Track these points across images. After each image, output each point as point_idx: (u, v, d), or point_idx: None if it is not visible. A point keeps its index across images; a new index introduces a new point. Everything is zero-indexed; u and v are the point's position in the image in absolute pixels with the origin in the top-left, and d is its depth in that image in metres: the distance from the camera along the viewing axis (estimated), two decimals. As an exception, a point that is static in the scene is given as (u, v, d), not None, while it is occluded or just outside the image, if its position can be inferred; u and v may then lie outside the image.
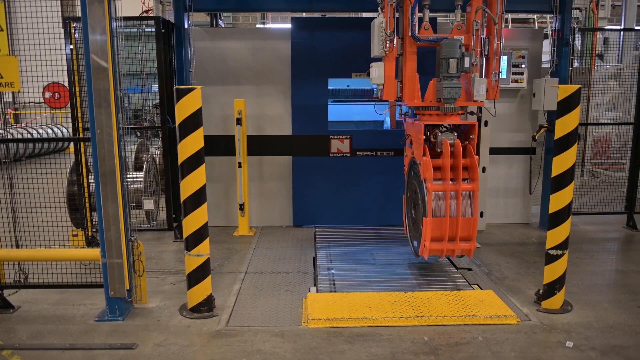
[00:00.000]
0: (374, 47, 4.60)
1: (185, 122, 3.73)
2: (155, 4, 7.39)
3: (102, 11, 3.56)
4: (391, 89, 4.70)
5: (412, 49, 4.62)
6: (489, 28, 4.66)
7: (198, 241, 3.86)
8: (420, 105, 4.61)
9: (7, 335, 3.66)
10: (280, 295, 4.34)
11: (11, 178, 4.24)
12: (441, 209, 4.39)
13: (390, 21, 4.50)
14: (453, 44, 4.33)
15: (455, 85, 4.34)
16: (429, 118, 4.59)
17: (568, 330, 3.68)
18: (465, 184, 4.38)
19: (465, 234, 4.40)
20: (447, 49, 4.33)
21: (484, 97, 4.54)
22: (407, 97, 4.67)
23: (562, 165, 3.83)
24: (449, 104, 4.41)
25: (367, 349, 3.41)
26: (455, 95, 4.35)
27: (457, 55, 4.32)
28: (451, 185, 4.36)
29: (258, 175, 6.58)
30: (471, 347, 3.44)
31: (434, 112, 4.54)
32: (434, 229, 4.37)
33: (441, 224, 4.36)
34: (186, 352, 3.41)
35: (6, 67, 3.86)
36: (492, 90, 4.70)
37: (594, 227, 6.57)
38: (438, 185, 4.38)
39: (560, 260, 3.92)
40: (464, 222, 4.37)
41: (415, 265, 5.05)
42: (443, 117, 4.53)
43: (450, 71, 4.33)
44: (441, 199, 4.39)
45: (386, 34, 4.51)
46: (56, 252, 4.18)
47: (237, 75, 6.38)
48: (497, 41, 4.63)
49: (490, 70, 4.69)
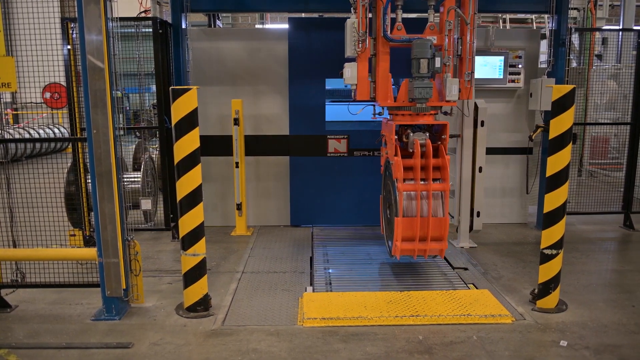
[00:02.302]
0: (347, 47, 4.63)
1: (181, 122, 3.75)
2: (153, 4, 7.40)
3: (98, 12, 3.58)
4: (364, 89, 4.71)
5: (384, 49, 4.63)
6: (462, 28, 4.67)
7: (194, 241, 3.88)
8: (393, 105, 4.63)
9: (4, 335, 3.67)
10: (277, 294, 4.36)
11: (9, 178, 4.25)
12: (412, 209, 4.40)
13: (362, 21, 4.52)
14: (424, 44, 4.34)
15: (426, 86, 4.35)
16: (401, 118, 4.60)
17: (562, 329, 3.70)
18: (436, 184, 4.40)
19: (437, 233, 4.40)
20: (418, 49, 4.34)
21: (457, 97, 4.56)
22: (380, 98, 4.69)
23: (557, 165, 3.85)
24: (421, 104, 4.43)
25: (362, 348, 3.42)
26: (427, 95, 4.36)
27: (428, 56, 4.33)
28: (422, 185, 4.38)
29: (255, 175, 6.59)
30: (465, 346, 3.45)
31: (406, 112, 4.56)
32: (405, 229, 4.38)
33: (412, 224, 4.36)
34: (182, 351, 3.42)
35: (3, 68, 3.87)
36: (465, 90, 4.72)
37: (591, 227, 6.58)
38: (408, 185, 4.40)
39: (555, 259, 3.94)
40: (435, 222, 4.38)
41: (411, 265, 5.06)
42: (415, 117, 4.55)
43: (421, 71, 4.34)
44: (413, 199, 4.40)
45: (358, 35, 4.53)
46: (53, 252, 4.19)
47: (235, 76, 6.40)
48: (470, 41, 4.64)
49: (463, 70, 4.70)
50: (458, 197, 5.68)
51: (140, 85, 6.53)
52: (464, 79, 4.70)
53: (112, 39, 3.72)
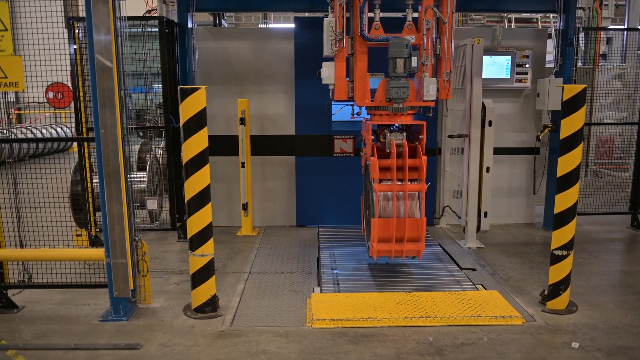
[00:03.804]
0: (324, 46, 4.61)
1: (189, 122, 3.73)
2: (159, 3, 7.39)
3: (107, 11, 3.56)
4: (342, 89, 4.69)
5: (362, 48, 4.60)
6: (441, 27, 4.63)
7: (202, 241, 3.86)
8: (371, 105, 4.60)
9: (12, 335, 3.66)
10: (284, 295, 4.33)
11: (16, 178, 4.24)
12: (389, 210, 4.36)
13: (339, 21, 4.49)
14: (400, 43, 4.31)
15: (402, 85, 4.32)
16: (379, 118, 4.58)
17: (574, 331, 3.67)
18: (412, 185, 4.36)
19: (414, 234, 4.37)
20: (394, 49, 4.32)
21: (434, 97, 4.53)
22: (358, 97, 4.66)
23: (568, 165, 3.82)
24: (397, 104, 4.39)
25: (372, 350, 3.40)
26: (403, 95, 4.33)
27: (405, 55, 4.30)
28: (397, 186, 4.35)
29: (261, 175, 6.57)
30: (477, 347, 3.43)
31: (383, 112, 4.53)
32: (381, 230, 4.35)
33: (388, 225, 4.33)
34: (191, 353, 3.40)
35: (10, 67, 3.85)
36: (443, 89, 4.68)
37: (598, 228, 6.54)
38: (384, 185, 4.37)
39: (565, 260, 3.91)
40: (412, 223, 4.34)
41: (419, 266, 5.04)
42: (393, 117, 4.52)
43: (398, 71, 4.31)
44: (389, 199, 4.38)
45: (335, 34, 4.50)
46: (61, 252, 4.18)
47: (240, 75, 6.38)
48: (449, 40, 4.60)
49: (442, 69, 4.67)
50: (465, 198, 5.65)
51: (146, 85, 6.51)
52: (442, 79, 4.67)
53: (121, 38, 3.70)
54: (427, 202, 6.44)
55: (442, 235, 6.18)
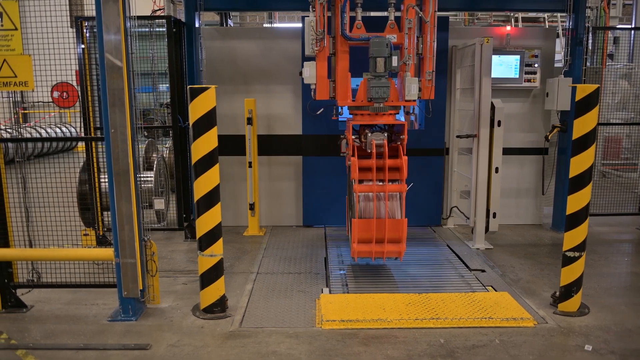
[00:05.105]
0: (305, 46, 4.59)
1: (199, 121, 3.71)
2: (167, 3, 7.38)
3: (117, 10, 3.54)
4: (323, 89, 4.67)
5: (343, 48, 4.58)
6: (423, 27, 4.60)
7: (211, 241, 3.84)
8: (352, 105, 4.56)
9: (21, 335, 3.65)
10: (293, 296, 4.31)
11: (25, 177, 4.23)
12: (369, 211, 4.33)
13: (320, 20, 4.46)
14: (380, 42, 4.27)
15: (383, 85, 4.28)
16: (360, 118, 4.55)
17: (586, 333, 3.63)
18: (392, 185, 4.32)
19: (394, 235, 4.32)
20: (374, 48, 4.28)
21: (416, 97, 4.49)
22: (339, 97, 4.64)
23: (580, 166, 3.78)
24: (378, 104, 4.36)
25: (383, 351, 3.37)
26: (383, 94, 4.30)
27: (385, 54, 4.26)
28: (377, 186, 4.31)
29: (268, 175, 6.55)
30: (488, 349, 3.40)
31: (365, 112, 4.50)
32: (361, 231, 4.32)
33: (369, 226, 4.30)
34: (200, 353, 3.38)
35: (20, 66, 3.84)
36: (426, 89, 4.64)
37: (607, 229, 6.50)
38: (364, 186, 4.34)
39: (577, 262, 3.87)
40: (392, 224, 4.31)
41: (428, 266, 5.01)
42: (375, 117, 4.49)
43: (378, 70, 4.28)
44: (369, 200, 4.34)
45: (316, 34, 4.47)
46: (70, 252, 4.17)
47: (247, 75, 6.36)
48: (431, 40, 4.56)
49: (425, 69, 4.63)
50: (474, 198, 5.62)
51: (154, 84, 6.50)
52: (425, 78, 4.63)
53: (130, 38, 3.69)
54: (434, 202, 6.48)
55: (449, 235, 6.15)
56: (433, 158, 6.39)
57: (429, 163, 6.37)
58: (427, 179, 6.39)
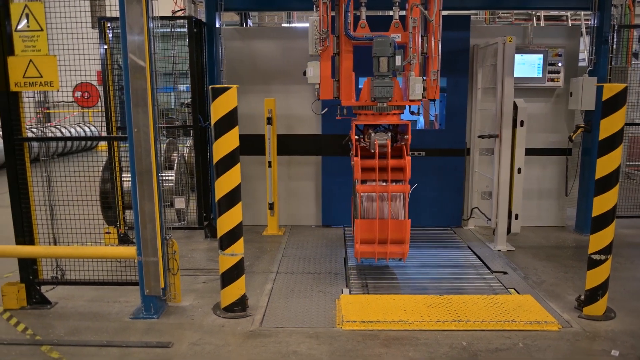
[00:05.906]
0: (309, 45, 4.56)
1: (220, 121, 3.72)
2: (188, 3, 7.45)
3: (140, 10, 3.58)
4: (327, 89, 4.65)
5: (347, 47, 4.54)
6: (428, 26, 4.53)
7: (232, 240, 3.85)
8: (356, 104, 4.52)
9: (46, 331, 3.71)
10: (313, 296, 4.31)
11: (49, 176, 4.30)
12: (372, 211, 4.28)
13: (323, 20, 4.43)
14: (384, 42, 4.22)
15: (386, 85, 4.24)
16: (364, 118, 4.51)
17: (613, 338, 3.55)
18: (395, 186, 4.27)
19: (397, 236, 4.27)
20: (378, 48, 4.24)
21: (420, 97, 4.44)
22: (344, 97, 4.60)
23: (607, 167, 3.70)
24: (382, 104, 4.31)
25: (405, 353, 3.34)
26: (387, 94, 4.25)
27: (388, 54, 4.22)
28: (380, 187, 4.26)
29: (287, 174, 6.56)
30: (512, 353, 3.34)
31: (369, 112, 4.45)
32: (364, 231, 4.28)
33: (372, 226, 4.25)
34: (222, 352, 3.40)
35: (45, 67, 3.90)
36: (430, 89, 4.58)
37: (633, 231, 6.35)
38: (367, 186, 4.30)
39: (603, 265, 3.79)
40: (395, 225, 4.26)
41: (448, 268, 4.96)
42: (378, 117, 4.44)
43: (381, 70, 4.24)
44: (372, 200, 4.30)
45: (320, 33, 4.44)
46: (94, 250, 4.23)
47: (267, 75, 6.38)
48: (435, 39, 4.49)
49: (429, 68, 4.56)
50: (496, 199, 5.54)
51: (175, 84, 6.56)
52: (430, 78, 4.57)
53: (153, 38, 3.72)
54: (455, 203, 6.41)
55: (470, 237, 6.07)
56: (454, 158, 6.32)
57: (449, 163, 6.31)
58: (448, 179, 6.33)
